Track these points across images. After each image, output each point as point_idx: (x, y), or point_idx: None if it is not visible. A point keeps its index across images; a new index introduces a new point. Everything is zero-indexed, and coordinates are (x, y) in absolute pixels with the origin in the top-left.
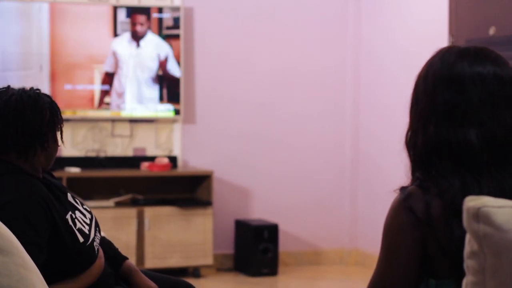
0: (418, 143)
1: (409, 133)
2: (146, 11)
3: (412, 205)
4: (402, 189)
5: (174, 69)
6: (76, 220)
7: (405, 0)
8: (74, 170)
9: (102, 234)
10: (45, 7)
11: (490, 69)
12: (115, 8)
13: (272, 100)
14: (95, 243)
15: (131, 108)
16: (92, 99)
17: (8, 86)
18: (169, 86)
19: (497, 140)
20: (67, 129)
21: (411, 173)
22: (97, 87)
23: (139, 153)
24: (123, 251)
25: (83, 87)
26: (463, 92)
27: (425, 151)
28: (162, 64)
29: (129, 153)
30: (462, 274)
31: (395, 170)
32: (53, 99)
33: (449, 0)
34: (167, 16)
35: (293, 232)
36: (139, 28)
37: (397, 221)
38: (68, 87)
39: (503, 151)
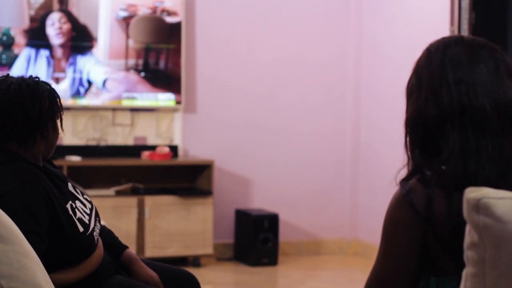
0: (429, 112)
1: (414, 109)
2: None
3: (413, 201)
4: (403, 183)
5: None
6: (76, 210)
7: None
8: (75, 159)
9: (102, 223)
10: None
11: (491, 52)
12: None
13: (273, 90)
14: (94, 233)
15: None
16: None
17: (7, 75)
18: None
19: (505, 108)
20: (67, 117)
21: (410, 153)
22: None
23: (139, 142)
24: (123, 240)
25: None
26: (470, 64)
27: (439, 118)
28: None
29: (130, 142)
30: (461, 267)
31: (396, 160)
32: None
33: None
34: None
35: (293, 222)
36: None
37: (398, 217)
38: None
39: (509, 119)
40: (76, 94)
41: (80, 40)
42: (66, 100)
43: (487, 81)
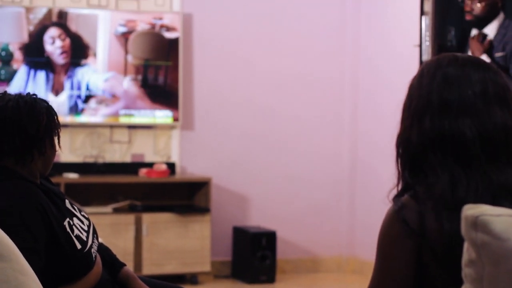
0: (412, 138)
1: (401, 131)
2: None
3: (405, 216)
4: (396, 199)
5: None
6: (73, 227)
7: (404, 11)
8: (72, 176)
9: (100, 240)
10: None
11: (484, 73)
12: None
13: (271, 108)
14: (92, 250)
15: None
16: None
17: (5, 92)
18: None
19: (489, 135)
20: (65, 134)
21: (399, 174)
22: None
23: (137, 159)
24: (120, 257)
25: None
26: (458, 87)
27: (419, 145)
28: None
29: (127, 159)
30: (457, 284)
31: (393, 178)
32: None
33: None
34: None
35: (291, 239)
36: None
37: (391, 232)
38: None
39: (494, 147)
40: (74, 109)
41: (78, 55)
42: (64, 115)
43: (472, 107)
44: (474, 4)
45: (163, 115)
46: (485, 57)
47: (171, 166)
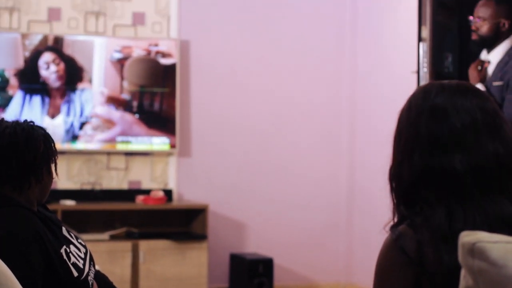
0: (403, 174)
1: (392, 166)
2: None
3: (403, 245)
4: (393, 228)
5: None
6: (70, 254)
7: (401, 37)
8: (69, 203)
9: (97, 267)
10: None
11: (471, 101)
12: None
13: (268, 134)
14: (89, 278)
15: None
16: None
17: (2, 119)
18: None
19: (481, 167)
20: (62, 161)
21: (395, 207)
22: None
23: (134, 186)
24: (117, 284)
25: None
26: (446, 120)
27: (411, 182)
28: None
29: (125, 186)
30: None
31: (391, 205)
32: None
33: None
34: (163, 48)
35: (288, 266)
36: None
37: (389, 261)
38: None
39: (487, 178)
40: (71, 135)
41: (74, 80)
42: (61, 139)
43: (462, 141)
44: (481, 23)
45: (160, 142)
46: (480, 86)
47: (168, 193)
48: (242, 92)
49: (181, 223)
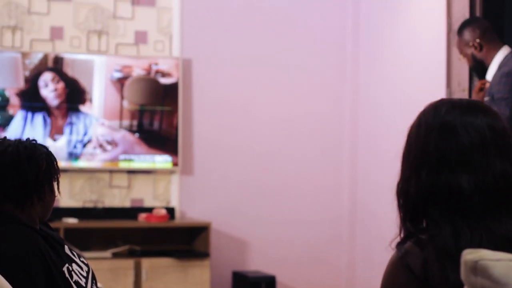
0: (410, 190)
1: (400, 182)
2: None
3: (409, 263)
4: (399, 246)
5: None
6: (72, 273)
7: (403, 49)
8: (72, 221)
9: (99, 285)
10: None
11: (481, 119)
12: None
13: (270, 151)
14: None
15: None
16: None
17: (4, 138)
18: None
19: (488, 187)
20: (64, 179)
21: (401, 223)
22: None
23: (136, 204)
24: None
25: None
26: (455, 138)
27: (418, 198)
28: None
29: (127, 204)
30: None
31: (394, 220)
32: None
33: (446, 51)
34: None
35: (290, 283)
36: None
37: (395, 279)
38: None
39: (494, 198)
40: (73, 155)
41: (75, 100)
42: (63, 160)
43: (470, 160)
44: (464, 59)
45: (162, 160)
46: None
47: (170, 211)
48: (244, 110)
49: (184, 241)
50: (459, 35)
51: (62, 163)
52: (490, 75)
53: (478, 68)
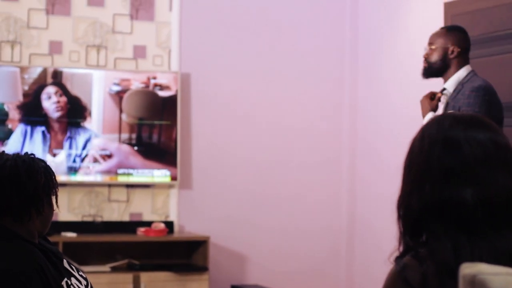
0: (412, 204)
1: (401, 195)
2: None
3: (408, 277)
4: (398, 260)
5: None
6: (71, 287)
7: (401, 61)
8: (70, 235)
9: None
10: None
11: (484, 134)
12: None
13: (269, 166)
14: None
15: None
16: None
17: (3, 152)
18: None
19: (492, 201)
20: (63, 193)
21: (400, 237)
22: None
23: (135, 218)
24: None
25: None
26: (459, 152)
27: (420, 211)
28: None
29: (126, 218)
30: None
31: (393, 234)
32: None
33: None
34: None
35: None
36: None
37: None
38: None
39: (496, 213)
40: (72, 169)
41: (74, 114)
42: (62, 174)
43: (474, 174)
44: (431, 51)
45: (161, 174)
46: (431, 115)
47: (169, 225)
48: (242, 124)
49: (182, 255)
50: (448, 30)
51: (61, 177)
52: (448, 86)
53: (430, 69)
